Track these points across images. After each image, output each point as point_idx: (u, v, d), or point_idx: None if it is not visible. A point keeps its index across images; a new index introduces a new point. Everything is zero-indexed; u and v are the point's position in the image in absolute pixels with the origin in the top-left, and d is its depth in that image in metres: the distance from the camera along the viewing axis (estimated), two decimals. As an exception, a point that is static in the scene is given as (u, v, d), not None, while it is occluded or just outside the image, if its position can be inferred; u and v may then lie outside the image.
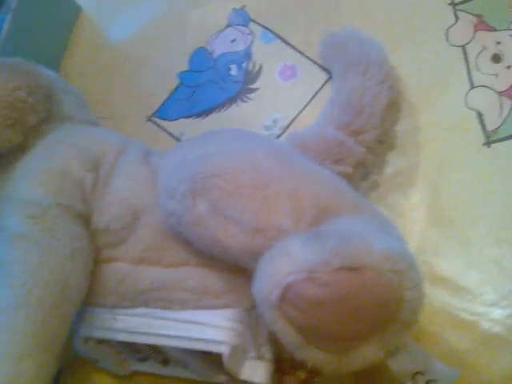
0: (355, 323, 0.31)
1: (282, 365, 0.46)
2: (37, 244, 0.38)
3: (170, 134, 0.60)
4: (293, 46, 0.59)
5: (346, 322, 0.31)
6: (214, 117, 0.59)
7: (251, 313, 0.41)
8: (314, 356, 0.32)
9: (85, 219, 0.41)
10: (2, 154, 0.44)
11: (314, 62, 0.58)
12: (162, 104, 0.61)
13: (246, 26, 0.62)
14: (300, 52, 0.59)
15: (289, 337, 0.32)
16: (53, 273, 0.37)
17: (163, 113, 0.61)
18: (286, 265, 0.31)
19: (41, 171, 0.42)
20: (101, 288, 0.42)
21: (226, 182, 0.36)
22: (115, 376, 0.50)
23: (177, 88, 0.62)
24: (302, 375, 0.46)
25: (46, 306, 0.36)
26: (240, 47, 0.61)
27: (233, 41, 0.61)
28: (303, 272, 0.30)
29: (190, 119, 0.60)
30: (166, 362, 0.47)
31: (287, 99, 0.58)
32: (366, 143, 0.47)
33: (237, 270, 0.38)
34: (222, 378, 0.44)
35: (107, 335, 0.42)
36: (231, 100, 0.59)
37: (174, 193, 0.38)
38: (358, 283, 0.30)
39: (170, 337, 0.40)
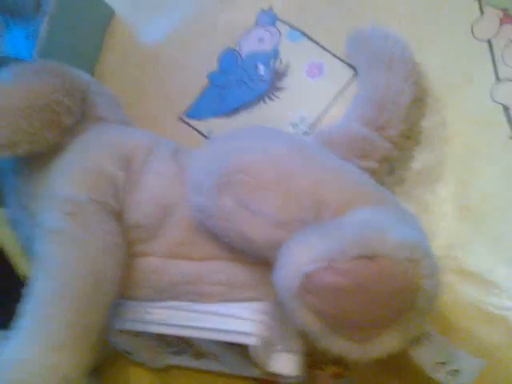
0: (373, 311, 0.32)
1: (314, 360, 0.47)
2: (72, 239, 0.40)
3: (200, 133, 0.61)
4: (319, 44, 0.60)
5: (364, 309, 0.32)
6: (243, 115, 0.61)
7: (280, 306, 0.42)
8: (335, 344, 0.33)
9: (118, 215, 0.43)
10: (39, 154, 0.46)
11: (341, 60, 0.59)
12: (193, 104, 0.63)
13: (273, 25, 0.63)
14: (326, 50, 0.59)
15: (310, 325, 0.33)
16: (88, 266, 0.39)
17: (194, 112, 0.62)
18: (304, 254, 0.32)
19: (75, 169, 0.44)
20: (133, 282, 0.43)
21: (250, 176, 0.38)
22: (150, 369, 0.52)
23: (207, 88, 0.63)
24: (334, 370, 0.47)
25: (81, 298, 0.38)
26: (267, 46, 0.62)
27: (260, 40, 0.63)
28: (321, 261, 0.32)
29: (220, 118, 0.61)
30: (198, 355, 0.48)
31: (314, 97, 0.59)
32: (390, 138, 0.48)
33: (265, 263, 0.39)
34: (254, 371, 0.45)
35: (140, 327, 0.44)
36: (259, 98, 0.61)
37: (201, 188, 0.40)
38: (374, 271, 0.31)
39: (199, 328, 0.42)
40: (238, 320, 0.41)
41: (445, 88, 0.53)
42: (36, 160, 0.47)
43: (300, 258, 0.33)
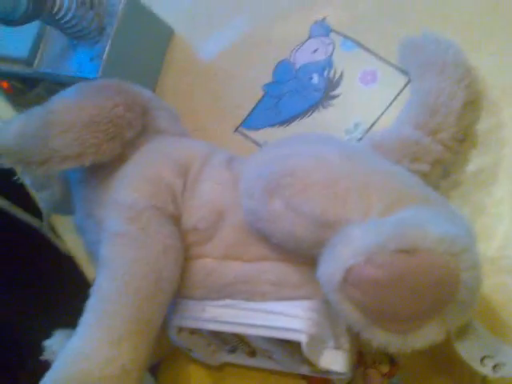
0: (414, 303, 0.32)
1: (365, 358, 0.47)
2: (134, 241, 0.43)
3: (256, 143, 0.63)
4: (373, 53, 0.61)
5: (405, 302, 0.32)
6: (298, 124, 0.62)
7: (329, 304, 0.42)
8: (378, 336, 0.33)
9: (175, 220, 0.46)
10: (103, 165, 0.49)
11: (394, 66, 0.59)
12: (249, 115, 0.65)
13: (326, 36, 0.64)
14: (379, 57, 0.60)
15: (353, 317, 0.34)
16: (148, 266, 0.42)
17: (249, 123, 0.64)
18: (346, 249, 0.33)
19: (137, 178, 0.47)
20: (190, 282, 0.46)
21: (298, 180, 0.39)
22: (207, 367, 0.53)
23: (262, 99, 0.65)
24: (385, 369, 0.47)
25: (142, 296, 0.41)
26: (321, 57, 0.63)
27: (314, 51, 0.64)
28: (362, 255, 0.32)
29: (275, 128, 0.63)
30: (252, 353, 0.50)
31: (368, 103, 0.59)
32: (443, 142, 0.47)
33: (313, 263, 0.40)
34: (305, 369, 0.46)
35: (196, 325, 0.46)
36: (313, 107, 0.62)
37: (252, 192, 0.41)
38: (413, 265, 0.32)
39: (252, 326, 0.43)
40: (288, 317, 0.42)
41: (500, 91, 0.53)
42: (101, 171, 0.50)
43: (342, 253, 0.33)
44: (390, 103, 0.58)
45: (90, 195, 0.51)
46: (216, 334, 0.48)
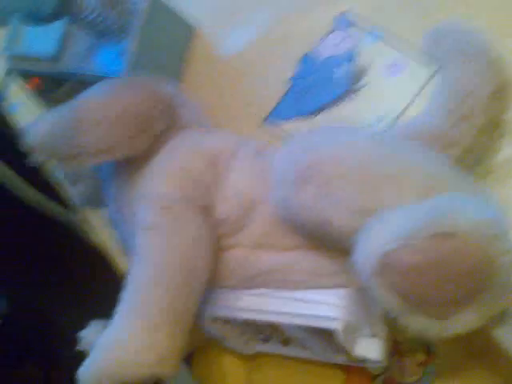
0: (451, 288, 0.32)
1: (400, 347, 0.47)
2: (166, 232, 0.44)
3: (282, 134, 0.63)
4: (396, 44, 0.61)
5: (441, 286, 0.32)
6: (323, 116, 0.62)
7: (362, 291, 0.42)
8: (414, 321, 0.34)
9: (207, 210, 0.46)
10: (132, 159, 0.50)
11: (418, 57, 0.59)
12: (274, 107, 0.65)
13: (349, 28, 0.64)
14: (404, 49, 0.60)
15: (391, 303, 0.34)
16: (182, 256, 0.42)
17: (275, 116, 0.65)
18: (382, 235, 0.34)
19: (167, 171, 0.48)
20: (223, 272, 0.46)
21: (332, 167, 0.39)
22: (241, 356, 0.54)
23: (288, 91, 0.65)
24: (420, 357, 0.47)
25: (177, 285, 0.41)
26: (345, 49, 0.63)
27: (337, 44, 0.64)
28: (398, 240, 0.33)
29: (300, 120, 0.63)
30: (286, 342, 0.50)
31: (394, 94, 0.59)
32: (471, 130, 0.47)
33: (346, 252, 0.40)
34: (340, 358, 0.46)
35: (231, 314, 0.46)
36: (338, 99, 0.62)
37: (283, 181, 0.42)
38: (450, 249, 0.32)
39: (286, 314, 0.44)
40: (323, 305, 0.43)
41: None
42: (130, 165, 0.51)
43: (378, 238, 0.34)
44: (417, 94, 0.58)
45: (121, 189, 0.51)
46: (249, 324, 0.48)
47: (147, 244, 0.44)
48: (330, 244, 0.42)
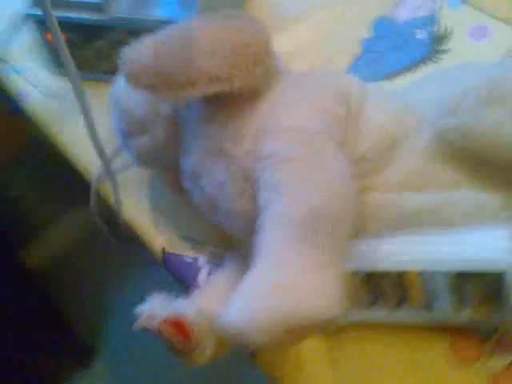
0: None
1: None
2: (311, 165, 0.39)
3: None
4: (482, 8, 0.60)
5: None
6: (403, 78, 0.60)
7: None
8: None
9: (345, 148, 0.42)
10: (234, 97, 0.45)
11: (506, 21, 0.58)
12: (347, 71, 0.62)
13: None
14: (490, 12, 0.59)
15: None
16: (330, 190, 0.38)
17: (349, 77, 0.62)
18: None
19: (301, 104, 0.43)
20: (362, 217, 0.42)
21: None
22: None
23: (360, 54, 0.63)
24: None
25: (330, 220, 0.37)
26: (426, 13, 0.62)
27: (418, 7, 0.63)
28: None
29: (377, 81, 0.61)
30: (400, 302, 0.45)
31: (480, 59, 0.58)
32: None
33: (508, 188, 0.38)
34: (463, 316, 0.43)
35: (370, 266, 0.42)
36: (421, 61, 0.60)
37: (456, 107, 0.38)
38: None
39: (441, 260, 0.40)
40: (485, 247, 0.39)
41: None
42: (231, 104, 0.46)
43: None
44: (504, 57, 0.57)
45: (219, 131, 0.46)
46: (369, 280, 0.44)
47: (290, 178, 0.38)
48: (502, 174, 0.39)
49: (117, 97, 0.51)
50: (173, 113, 0.50)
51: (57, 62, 0.69)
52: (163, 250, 0.58)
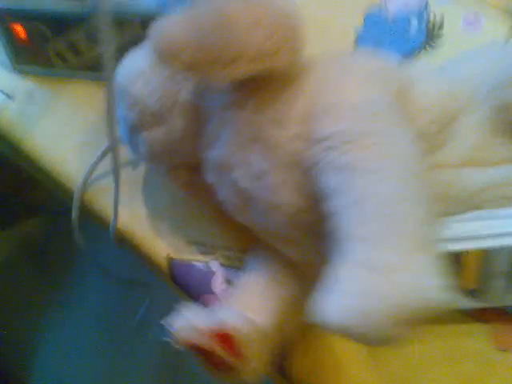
0: None
1: None
2: (387, 139, 0.35)
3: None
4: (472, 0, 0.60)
5: None
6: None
7: None
8: None
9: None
10: (286, 76, 0.42)
11: (496, 13, 0.59)
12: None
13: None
14: (481, 4, 0.60)
15: None
16: (411, 161, 0.34)
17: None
18: None
19: (355, 78, 0.39)
20: None
21: None
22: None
23: (356, 43, 0.61)
24: None
25: (422, 193, 0.34)
26: (416, 5, 0.61)
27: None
28: None
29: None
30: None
31: (474, 45, 0.58)
32: None
33: None
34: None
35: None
36: (412, 54, 0.60)
37: None
38: None
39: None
40: None
41: None
42: (263, 89, 0.42)
43: None
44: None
45: (255, 117, 0.42)
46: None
47: (369, 155, 0.34)
48: None
49: (123, 84, 0.46)
50: (194, 100, 0.45)
51: (15, 58, 0.62)
52: (169, 257, 0.53)
